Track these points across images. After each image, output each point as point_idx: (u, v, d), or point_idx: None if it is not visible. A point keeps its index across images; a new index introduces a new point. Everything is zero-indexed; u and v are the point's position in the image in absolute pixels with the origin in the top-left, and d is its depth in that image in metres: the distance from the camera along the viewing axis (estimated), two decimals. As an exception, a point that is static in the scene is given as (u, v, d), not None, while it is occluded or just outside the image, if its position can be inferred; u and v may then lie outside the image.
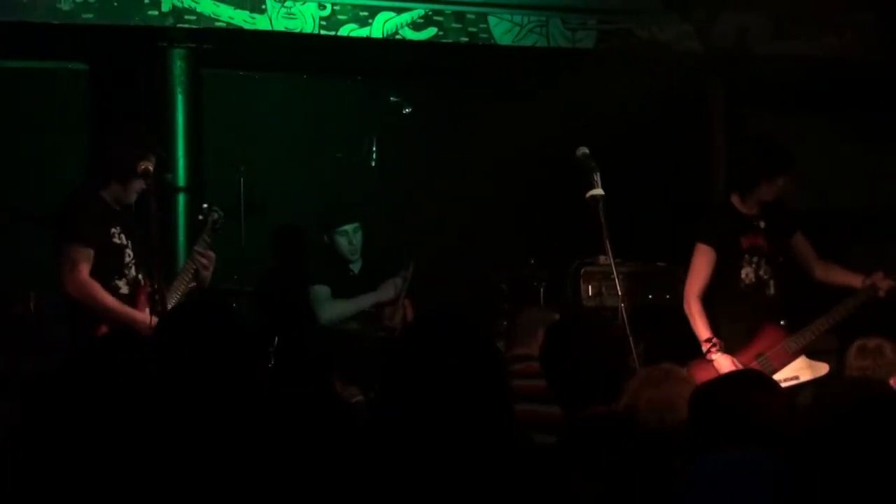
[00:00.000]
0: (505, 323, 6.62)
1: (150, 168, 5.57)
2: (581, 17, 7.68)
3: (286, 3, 7.12)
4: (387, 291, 6.80)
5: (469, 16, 7.43)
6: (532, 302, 6.97)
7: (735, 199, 6.40)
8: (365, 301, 6.81)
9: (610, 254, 5.76)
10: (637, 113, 7.30)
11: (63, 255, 5.49)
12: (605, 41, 7.73)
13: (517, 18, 7.52)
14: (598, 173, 5.87)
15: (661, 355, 6.01)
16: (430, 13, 7.35)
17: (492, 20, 7.48)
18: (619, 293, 5.72)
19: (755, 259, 6.36)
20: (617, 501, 3.25)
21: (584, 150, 5.95)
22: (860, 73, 8.06)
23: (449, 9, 7.39)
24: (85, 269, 5.47)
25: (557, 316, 5.53)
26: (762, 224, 6.38)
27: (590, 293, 7.16)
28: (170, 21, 6.92)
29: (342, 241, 6.86)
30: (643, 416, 3.99)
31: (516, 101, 7.60)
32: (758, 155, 6.31)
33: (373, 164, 7.59)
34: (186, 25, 6.97)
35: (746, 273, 6.34)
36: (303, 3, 7.15)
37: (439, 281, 7.18)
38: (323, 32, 7.20)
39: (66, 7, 6.75)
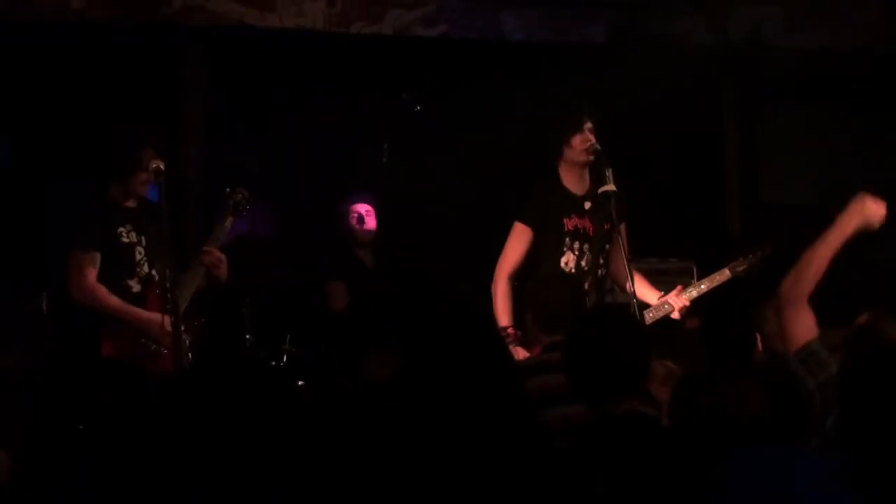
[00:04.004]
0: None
1: (160, 165, 5.38)
2: (592, 11, 7.62)
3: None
4: None
5: (480, 11, 7.35)
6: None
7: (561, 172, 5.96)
8: None
9: (623, 250, 5.72)
10: (649, 108, 7.24)
11: (69, 260, 5.41)
12: (617, 35, 7.68)
13: (528, 13, 7.46)
14: (611, 170, 5.84)
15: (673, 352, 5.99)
16: (442, 9, 7.27)
17: (503, 16, 7.43)
18: (633, 290, 5.66)
19: (576, 244, 5.91)
20: (641, 501, 3.19)
21: (595, 146, 5.91)
22: (873, 67, 7.99)
23: (460, 5, 7.31)
24: (91, 274, 5.38)
25: None
26: (588, 205, 5.97)
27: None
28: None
29: None
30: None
31: (525, 97, 7.52)
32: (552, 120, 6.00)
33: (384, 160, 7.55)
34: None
35: (566, 261, 5.89)
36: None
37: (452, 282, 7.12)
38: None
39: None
